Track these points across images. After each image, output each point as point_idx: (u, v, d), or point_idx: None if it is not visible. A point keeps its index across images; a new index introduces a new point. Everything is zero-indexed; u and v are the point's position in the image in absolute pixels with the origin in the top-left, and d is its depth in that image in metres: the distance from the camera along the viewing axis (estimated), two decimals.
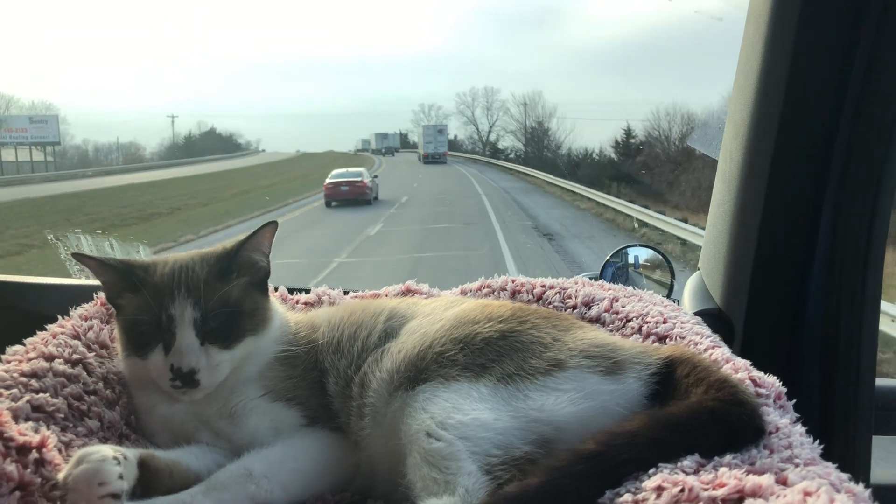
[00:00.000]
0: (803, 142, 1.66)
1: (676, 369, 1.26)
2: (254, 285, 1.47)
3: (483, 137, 66.13)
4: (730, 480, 0.96)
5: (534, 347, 1.28)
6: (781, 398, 1.27)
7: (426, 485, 1.13)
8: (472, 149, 65.31)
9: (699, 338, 1.50)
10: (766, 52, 1.65)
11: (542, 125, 53.58)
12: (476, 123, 67.55)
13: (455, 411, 1.17)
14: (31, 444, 1.13)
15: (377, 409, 1.34)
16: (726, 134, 1.85)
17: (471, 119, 67.73)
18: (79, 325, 1.56)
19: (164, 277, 1.39)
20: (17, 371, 1.34)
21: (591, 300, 1.76)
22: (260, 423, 1.39)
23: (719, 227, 1.88)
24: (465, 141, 68.84)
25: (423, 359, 1.30)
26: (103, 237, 2.36)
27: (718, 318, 1.86)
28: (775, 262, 1.75)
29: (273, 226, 1.46)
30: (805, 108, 1.64)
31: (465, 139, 68.90)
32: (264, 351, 1.46)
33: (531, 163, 43.11)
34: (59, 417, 1.31)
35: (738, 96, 1.77)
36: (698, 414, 1.12)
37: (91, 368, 1.46)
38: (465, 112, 67.81)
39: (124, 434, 1.41)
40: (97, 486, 1.09)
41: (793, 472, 0.99)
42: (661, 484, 0.99)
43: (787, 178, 1.69)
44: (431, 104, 79.20)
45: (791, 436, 1.13)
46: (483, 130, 66.71)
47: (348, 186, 24.41)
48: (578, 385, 1.21)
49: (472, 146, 66.73)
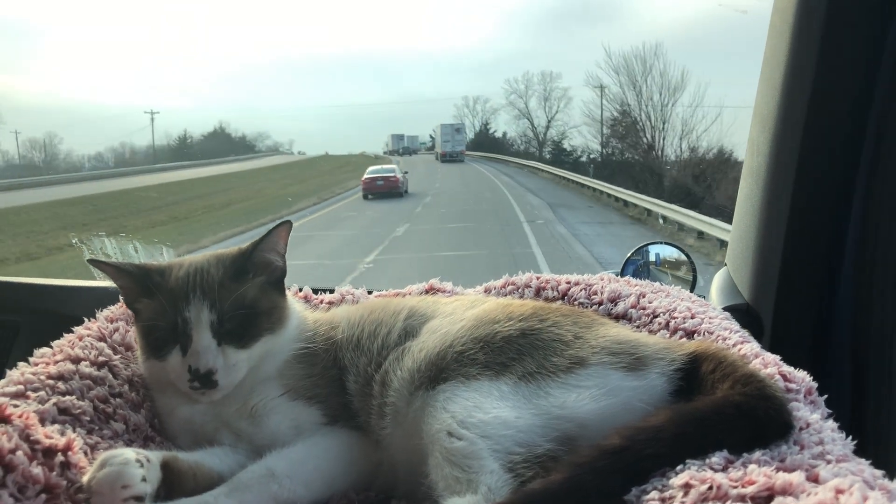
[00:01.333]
0: (831, 134, 1.62)
1: (702, 365, 1.24)
2: (270, 284, 1.47)
3: (540, 134, 52.24)
4: (759, 478, 0.94)
5: (555, 345, 1.27)
6: (812, 393, 1.25)
7: (448, 484, 1.12)
8: (527, 149, 52.22)
9: (728, 333, 1.47)
10: (793, 43, 1.62)
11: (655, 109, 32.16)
12: (530, 117, 53.36)
13: (476, 410, 1.17)
14: (57, 447, 1.15)
15: (398, 408, 1.33)
16: (753, 127, 1.82)
17: (524, 112, 53.66)
18: (104, 328, 1.58)
19: (180, 281, 1.41)
20: (45, 373, 1.36)
21: (617, 296, 1.74)
22: (280, 422, 1.39)
23: (747, 222, 1.85)
24: (518, 139, 55.47)
25: (443, 358, 1.30)
26: (127, 239, 2.40)
27: (747, 313, 1.83)
28: (804, 256, 1.71)
29: (288, 225, 1.47)
30: (833, 99, 1.60)
31: (518, 137, 55.50)
32: (282, 349, 1.46)
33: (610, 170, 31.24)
34: (85, 420, 1.33)
35: (765, 89, 1.74)
36: (724, 409, 1.10)
37: (117, 371, 1.48)
38: (516, 103, 54.20)
39: (149, 436, 1.43)
40: (120, 489, 1.10)
41: (824, 469, 0.97)
42: (689, 481, 0.97)
43: (816, 171, 1.65)
44: (477, 97, 70.14)
45: (822, 431, 1.10)
46: (539, 126, 52.65)
47: (383, 181, 27.21)
48: (600, 381, 1.20)
49: (527, 145, 53.43)
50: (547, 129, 51.68)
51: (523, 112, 53.75)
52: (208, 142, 60.57)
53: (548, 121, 51.80)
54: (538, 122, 52.96)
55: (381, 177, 27.49)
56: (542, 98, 52.75)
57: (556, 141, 49.97)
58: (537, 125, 52.87)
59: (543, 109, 52.51)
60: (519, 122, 55.18)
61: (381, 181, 27.15)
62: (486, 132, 62.50)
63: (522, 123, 54.40)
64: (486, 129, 62.95)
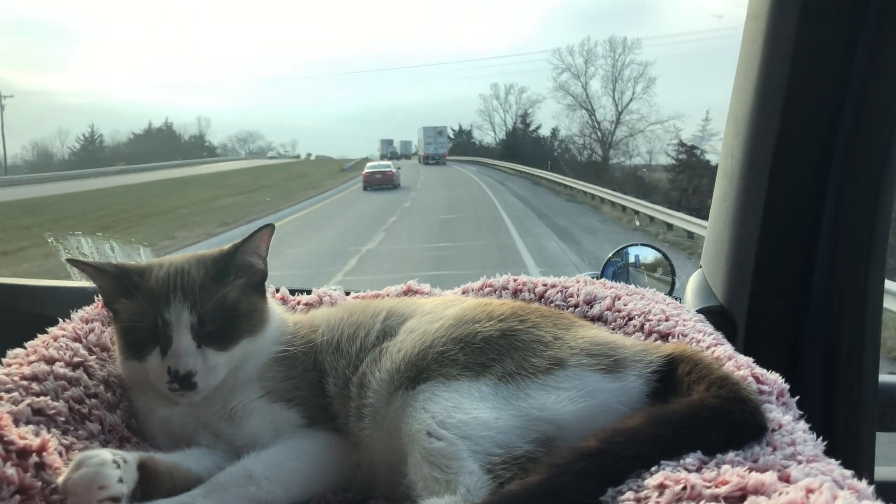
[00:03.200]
0: (805, 138, 1.65)
1: (678, 367, 1.26)
2: (251, 287, 1.47)
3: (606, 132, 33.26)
4: (732, 478, 0.95)
5: (534, 346, 1.28)
6: (784, 395, 1.27)
7: (427, 484, 1.13)
8: (589, 156, 32.77)
9: (701, 335, 1.49)
10: (767, 47, 1.64)
11: None
12: (591, 105, 34.65)
13: (456, 410, 1.17)
14: (31, 448, 1.14)
15: (377, 409, 1.33)
16: (727, 131, 1.84)
17: (581, 101, 34.84)
18: (80, 328, 1.56)
19: (160, 281, 1.39)
20: (18, 374, 1.34)
21: (593, 298, 1.76)
22: (260, 424, 1.39)
23: (721, 225, 1.87)
24: (576, 136, 35.77)
25: (423, 358, 1.30)
26: (104, 239, 2.37)
27: (721, 315, 1.85)
28: (778, 258, 1.74)
29: (270, 228, 1.46)
30: (806, 103, 1.63)
31: (576, 134, 35.96)
32: (262, 352, 1.46)
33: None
34: (60, 421, 1.31)
35: (739, 93, 1.76)
36: (700, 411, 1.12)
37: (92, 371, 1.46)
38: (568, 87, 36.28)
39: (125, 437, 1.41)
40: (96, 490, 1.09)
41: (795, 469, 0.99)
42: (664, 482, 0.99)
43: (789, 174, 1.68)
44: (511, 85, 53.15)
45: (794, 433, 1.12)
46: (604, 118, 33.71)
47: (381, 175, 31.32)
48: (579, 383, 1.21)
49: (585, 146, 34.25)
50: (616, 125, 32.62)
51: (580, 101, 34.93)
52: (139, 143, 49.94)
53: (617, 112, 32.97)
54: (602, 114, 34.00)
55: (379, 171, 31.85)
56: (609, 78, 34.96)
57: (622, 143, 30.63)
58: (600, 117, 34.04)
59: (612, 93, 33.97)
60: (574, 114, 35.89)
61: (380, 175, 31.27)
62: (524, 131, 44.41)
63: (577, 116, 35.76)
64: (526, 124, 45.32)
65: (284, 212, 24.06)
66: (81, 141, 47.51)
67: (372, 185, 30.72)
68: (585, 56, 35.17)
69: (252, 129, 79.62)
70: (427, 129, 54.45)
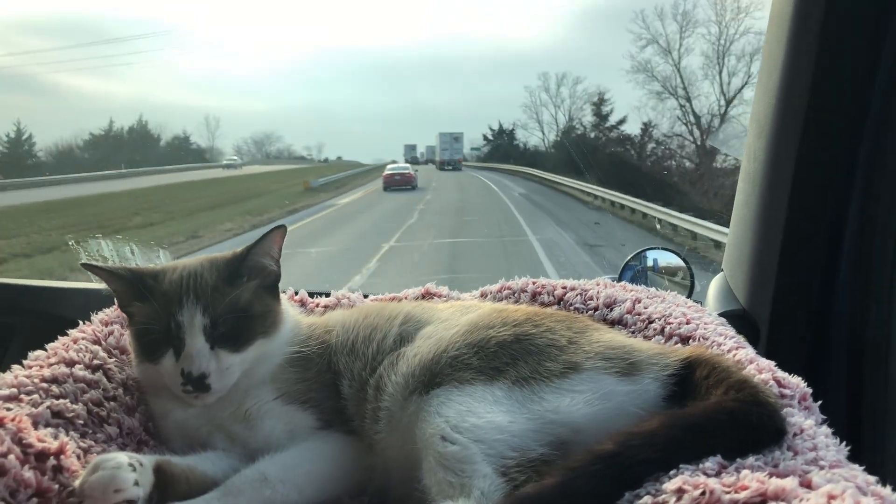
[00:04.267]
0: (828, 140, 1.63)
1: (696, 370, 1.24)
2: (264, 288, 1.47)
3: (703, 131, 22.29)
4: (752, 483, 0.94)
5: (549, 350, 1.27)
6: (807, 399, 1.24)
7: (442, 488, 1.12)
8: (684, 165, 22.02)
9: (723, 339, 1.47)
10: (790, 48, 1.62)
11: None
12: (687, 91, 23.93)
13: (469, 414, 1.16)
14: (49, 451, 1.15)
15: (392, 412, 1.33)
16: (750, 133, 1.82)
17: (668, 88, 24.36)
18: (99, 331, 1.58)
19: (173, 284, 1.40)
20: (38, 376, 1.35)
21: (613, 301, 1.74)
22: (274, 426, 1.39)
23: (743, 228, 1.85)
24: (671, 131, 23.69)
25: (437, 363, 1.29)
26: (124, 242, 2.39)
27: (743, 319, 1.83)
28: (800, 261, 1.71)
29: (282, 230, 1.46)
30: (830, 105, 1.60)
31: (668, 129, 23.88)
32: (275, 353, 1.46)
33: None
34: (79, 423, 1.32)
35: (762, 94, 1.74)
36: (717, 414, 1.10)
37: (111, 374, 1.47)
38: (652, 68, 25.16)
39: (143, 440, 1.42)
40: (113, 493, 1.09)
41: (817, 475, 0.97)
42: (682, 486, 0.97)
43: (812, 176, 1.65)
44: (563, 74, 35.40)
45: (816, 437, 1.10)
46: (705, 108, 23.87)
47: (400, 177, 32.70)
48: (594, 386, 1.20)
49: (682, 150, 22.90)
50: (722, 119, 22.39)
51: (667, 88, 24.12)
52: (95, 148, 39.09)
53: (725, 102, 22.77)
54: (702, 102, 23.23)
55: (398, 173, 33.15)
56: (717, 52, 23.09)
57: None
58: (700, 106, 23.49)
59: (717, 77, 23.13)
60: (662, 105, 24.58)
61: (399, 177, 32.73)
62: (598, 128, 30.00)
63: (665, 107, 24.65)
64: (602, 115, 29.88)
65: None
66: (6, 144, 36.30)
67: (391, 186, 32.07)
68: (680, 22, 24.03)
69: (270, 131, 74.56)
70: (444, 134, 54.77)
